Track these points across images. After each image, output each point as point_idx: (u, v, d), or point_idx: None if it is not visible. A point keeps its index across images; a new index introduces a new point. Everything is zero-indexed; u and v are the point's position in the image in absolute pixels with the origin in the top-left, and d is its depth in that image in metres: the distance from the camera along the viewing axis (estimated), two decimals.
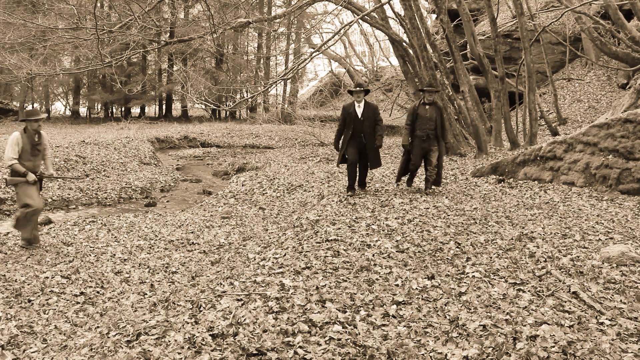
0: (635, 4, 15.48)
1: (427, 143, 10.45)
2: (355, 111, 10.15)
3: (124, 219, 10.72)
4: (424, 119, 10.38)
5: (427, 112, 10.39)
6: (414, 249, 6.76)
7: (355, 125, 10.13)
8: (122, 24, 13.49)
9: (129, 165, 18.03)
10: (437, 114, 10.42)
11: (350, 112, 10.19)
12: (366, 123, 10.11)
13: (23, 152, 8.06)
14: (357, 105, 10.15)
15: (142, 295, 5.95)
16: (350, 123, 10.17)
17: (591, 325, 4.55)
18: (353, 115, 10.15)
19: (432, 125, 10.40)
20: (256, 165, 18.73)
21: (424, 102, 10.51)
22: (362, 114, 10.10)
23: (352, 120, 10.14)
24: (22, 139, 8.06)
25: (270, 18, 19.96)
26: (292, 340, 4.20)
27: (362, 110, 10.12)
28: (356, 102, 10.15)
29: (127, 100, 39.90)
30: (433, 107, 10.45)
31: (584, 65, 24.10)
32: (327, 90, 44.02)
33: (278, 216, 9.80)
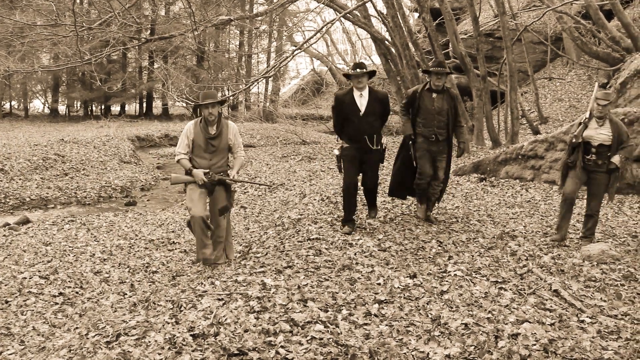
0: (616, 4, 15.59)
1: (436, 146, 7.72)
2: (354, 103, 7.29)
3: (104, 218, 10.61)
4: (429, 112, 7.63)
5: (433, 103, 7.64)
6: (396, 247, 6.75)
7: (354, 125, 7.33)
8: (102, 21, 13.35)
9: (108, 164, 17.86)
10: (449, 105, 7.66)
11: (346, 105, 7.32)
12: (371, 120, 7.34)
13: (195, 147, 6.77)
14: (357, 94, 7.31)
15: (122, 295, 5.88)
16: (348, 120, 7.37)
17: (572, 323, 4.56)
18: (351, 110, 7.30)
19: (442, 122, 7.65)
20: None
21: (430, 88, 7.70)
22: (367, 107, 7.28)
23: (350, 117, 7.32)
24: (195, 129, 6.75)
25: (252, 15, 19.90)
26: (274, 339, 4.16)
27: (367, 102, 7.29)
28: (355, 89, 7.29)
29: (107, 98, 39.54)
30: (443, 95, 7.68)
31: (565, 64, 24.26)
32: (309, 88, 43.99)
33: (259, 215, 9.75)
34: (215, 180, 6.69)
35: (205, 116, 6.67)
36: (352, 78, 7.30)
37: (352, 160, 7.43)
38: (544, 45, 22.99)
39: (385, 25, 17.86)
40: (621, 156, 6.79)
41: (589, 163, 6.86)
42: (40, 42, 21.30)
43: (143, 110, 43.56)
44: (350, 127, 7.42)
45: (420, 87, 7.85)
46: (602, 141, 6.76)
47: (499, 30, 17.07)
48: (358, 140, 7.37)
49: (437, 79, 7.63)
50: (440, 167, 7.85)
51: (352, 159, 7.43)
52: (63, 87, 42.59)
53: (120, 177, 16.19)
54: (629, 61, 14.42)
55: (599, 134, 6.78)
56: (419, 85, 7.96)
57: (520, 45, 20.51)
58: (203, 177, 6.62)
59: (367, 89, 7.35)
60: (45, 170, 15.54)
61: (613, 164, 6.75)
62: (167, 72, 26.72)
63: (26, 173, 14.90)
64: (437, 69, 7.62)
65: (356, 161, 7.44)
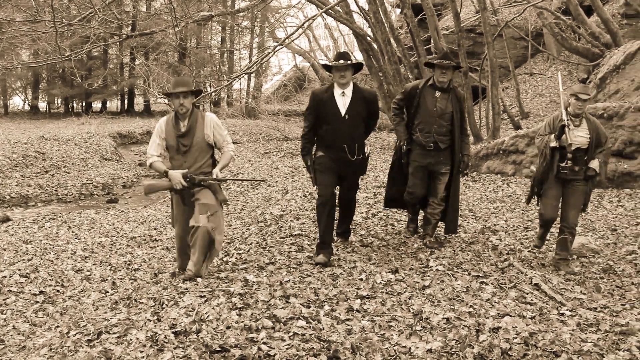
0: (595, 0, 15.72)
1: (435, 158, 6.50)
2: (334, 102, 6.07)
3: (85, 216, 10.54)
4: (430, 114, 6.42)
5: (436, 103, 6.41)
6: (378, 242, 6.78)
7: (332, 129, 6.08)
8: (82, 17, 13.23)
9: (90, 161, 17.74)
10: (454, 107, 6.45)
11: (324, 104, 6.09)
12: (353, 124, 6.10)
13: (169, 148, 5.75)
14: (338, 91, 6.08)
15: (103, 293, 5.84)
16: (325, 123, 6.13)
17: (552, 316, 4.61)
18: (330, 110, 6.07)
19: (445, 127, 6.44)
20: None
21: (433, 84, 6.49)
22: (349, 107, 6.06)
23: (328, 119, 6.09)
24: (167, 126, 5.72)
25: (233, 12, 19.83)
26: (256, 336, 4.16)
27: (350, 102, 6.06)
28: (337, 85, 6.09)
29: (88, 94, 39.24)
30: (449, 95, 6.47)
31: (546, 60, 24.43)
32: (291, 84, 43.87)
33: (242, 211, 9.73)
34: (195, 182, 5.60)
35: (176, 108, 5.63)
36: (334, 71, 6.03)
37: (328, 170, 6.17)
38: (525, 40, 23.13)
39: (367, 21, 17.85)
40: (600, 161, 5.84)
41: (565, 171, 5.84)
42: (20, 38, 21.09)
43: (124, 107, 43.28)
44: (327, 132, 6.13)
45: (421, 83, 6.58)
46: (580, 144, 5.77)
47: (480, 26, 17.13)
48: (336, 148, 6.10)
49: (441, 73, 6.37)
50: (441, 181, 6.57)
51: (328, 168, 6.17)
52: (43, 83, 42.23)
53: (102, 174, 16.09)
54: (608, 56, 14.55)
55: (576, 136, 5.75)
56: (420, 80, 6.73)
57: (501, 41, 20.61)
58: (182, 181, 5.53)
59: (352, 85, 6.11)
60: (26, 167, 15.41)
61: (592, 170, 5.82)
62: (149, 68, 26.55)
63: (6, 171, 14.76)
64: (442, 62, 6.34)
65: (332, 172, 6.18)
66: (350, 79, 6.11)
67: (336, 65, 5.99)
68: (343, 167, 6.19)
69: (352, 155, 6.12)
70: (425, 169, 6.59)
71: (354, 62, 6.06)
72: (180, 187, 5.58)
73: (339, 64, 5.98)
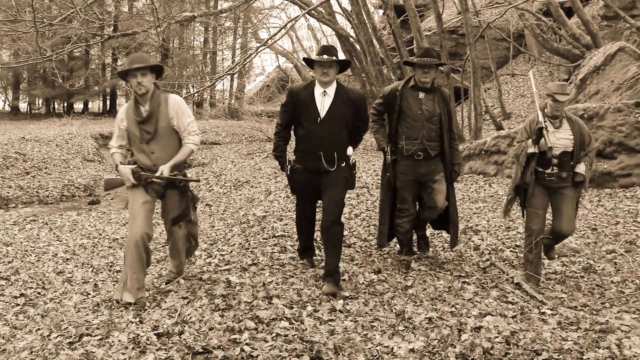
0: (576, 1, 15.86)
1: (425, 167, 5.76)
2: (313, 103, 5.33)
3: (67, 217, 10.46)
4: (415, 118, 5.69)
5: (421, 105, 5.70)
6: (361, 243, 6.79)
7: (307, 134, 5.37)
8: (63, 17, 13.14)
9: (71, 162, 17.62)
10: (441, 109, 5.74)
11: (302, 103, 5.38)
12: (333, 129, 5.31)
13: (131, 138, 5.04)
14: (319, 90, 5.34)
15: (85, 295, 5.80)
16: (301, 126, 5.43)
17: (533, 315, 4.65)
18: (307, 111, 5.35)
19: (434, 131, 5.72)
20: (202, 162, 18.53)
21: (415, 85, 5.77)
22: (330, 110, 5.30)
23: (305, 121, 5.36)
24: (128, 113, 5.03)
25: (216, 12, 19.79)
26: (239, 337, 4.16)
27: (330, 103, 5.30)
28: (319, 83, 5.34)
29: (70, 95, 38.94)
30: (434, 96, 5.76)
31: (527, 61, 24.59)
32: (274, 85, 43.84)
33: (225, 213, 9.71)
34: (143, 179, 4.92)
35: (133, 88, 4.86)
36: (316, 67, 5.28)
37: (304, 189, 5.56)
38: (507, 42, 23.26)
39: (350, 22, 17.91)
40: (586, 164, 5.31)
41: (551, 179, 5.30)
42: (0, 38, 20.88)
43: (107, 107, 42.98)
44: (302, 137, 5.43)
45: (401, 84, 5.82)
46: (564, 147, 5.26)
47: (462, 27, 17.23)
48: (312, 156, 5.31)
49: (423, 73, 5.65)
50: (438, 190, 5.77)
51: (303, 186, 5.53)
52: (24, 84, 41.83)
53: (84, 175, 15.98)
54: (589, 58, 14.68)
55: (559, 139, 5.26)
56: (399, 82, 5.96)
57: (483, 42, 20.72)
58: (130, 177, 4.89)
59: (335, 85, 5.35)
60: (6, 169, 15.27)
61: (580, 175, 5.29)
62: None
63: None
64: (424, 60, 5.60)
65: (309, 190, 5.52)
66: (334, 77, 5.32)
67: (319, 60, 5.22)
68: (321, 179, 5.36)
69: (331, 165, 5.29)
70: (417, 180, 5.80)
71: (339, 58, 5.30)
72: (130, 184, 4.93)
73: (322, 59, 5.20)
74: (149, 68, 4.87)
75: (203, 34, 41.17)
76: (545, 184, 5.36)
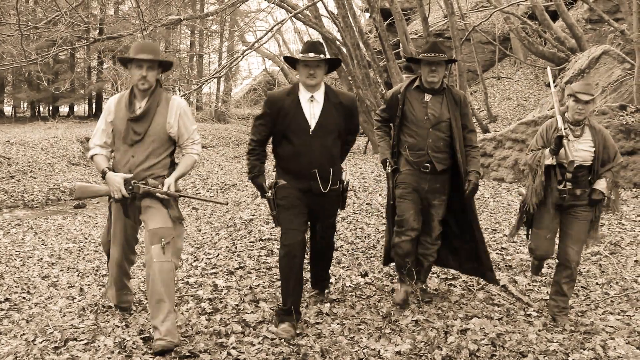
0: (560, 5, 15.99)
1: (430, 183, 4.89)
2: (300, 111, 4.46)
3: (52, 222, 10.40)
4: (420, 124, 4.86)
5: (427, 110, 4.87)
6: (348, 246, 6.80)
7: (299, 147, 4.45)
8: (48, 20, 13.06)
9: (57, 166, 17.51)
10: (452, 114, 4.86)
11: (286, 113, 4.46)
12: (327, 142, 4.49)
13: (115, 136, 4.30)
14: (305, 96, 4.48)
15: (70, 299, 5.77)
16: (286, 140, 4.51)
17: (519, 317, 4.68)
18: (294, 122, 4.45)
19: (442, 140, 4.86)
20: None
21: (420, 85, 4.95)
22: (321, 118, 4.46)
23: (292, 134, 4.46)
24: (117, 106, 4.30)
25: (202, 15, 19.75)
26: (226, 341, 4.16)
27: (321, 111, 4.47)
28: (304, 87, 4.49)
29: (55, 98, 38.67)
30: (442, 98, 4.91)
31: (513, 64, 24.70)
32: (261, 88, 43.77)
33: (211, 216, 9.69)
34: (140, 192, 4.13)
35: (135, 81, 4.19)
36: (300, 67, 4.43)
37: (295, 207, 4.49)
38: (492, 45, 23.39)
39: (336, 25, 17.91)
40: (608, 181, 4.52)
41: (563, 196, 4.53)
42: None
43: (92, 111, 42.77)
44: (290, 154, 4.49)
45: (403, 86, 5.04)
46: (582, 161, 4.47)
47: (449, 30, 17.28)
48: (303, 176, 4.46)
49: (431, 71, 4.81)
50: (435, 214, 4.95)
51: (294, 204, 4.49)
52: (9, 87, 41.52)
53: (69, 179, 15.88)
54: (574, 61, 14.78)
55: (577, 150, 4.45)
56: (403, 83, 5.17)
57: (469, 45, 20.83)
58: (122, 189, 4.11)
59: (324, 88, 4.52)
60: None
61: (598, 192, 4.52)
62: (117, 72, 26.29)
63: None
64: (430, 55, 4.79)
65: (301, 208, 4.51)
66: (322, 79, 4.49)
67: (304, 59, 4.36)
68: (314, 201, 4.54)
69: (326, 184, 4.49)
70: (418, 193, 4.91)
71: (327, 57, 4.48)
72: (119, 196, 4.15)
73: (307, 57, 4.35)
74: (157, 62, 4.21)
75: (189, 37, 41.08)
76: (555, 202, 4.59)
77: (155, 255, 4.01)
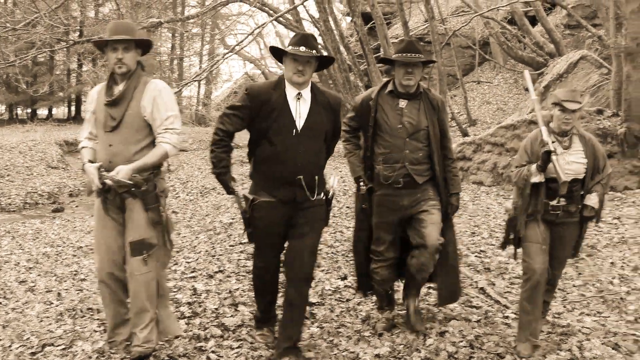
0: (539, 10, 16.18)
1: (408, 197, 4.34)
2: (287, 109, 3.96)
3: (30, 226, 10.29)
4: (396, 133, 4.31)
5: (402, 117, 4.32)
6: (327, 249, 6.81)
7: (282, 150, 3.95)
8: (27, 22, 12.96)
9: (35, 170, 17.33)
10: (429, 121, 4.34)
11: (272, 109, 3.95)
12: (313, 145, 4.04)
13: (97, 124, 3.99)
14: (292, 92, 3.98)
15: (48, 304, 5.71)
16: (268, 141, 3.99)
17: (497, 319, 4.71)
18: (279, 120, 3.95)
19: (422, 151, 4.34)
20: (169, 168, 18.40)
21: (394, 90, 4.39)
22: (307, 118, 3.98)
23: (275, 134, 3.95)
24: (99, 94, 4.02)
25: (183, 18, 19.69)
26: (205, 345, 4.16)
27: (309, 110, 4.00)
28: (290, 84, 3.98)
29: (34, 101, 38.35)
30: (419, 103, 4.38)
31: (493, 68, 24.91)
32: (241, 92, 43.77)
33: (191, 220, 9.65)
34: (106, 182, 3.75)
35: (111, 66, 3.90)
36: (288, 61, 3.96)
37: (271, 231, 4.05)
38: (472, 49, 23.57)
39: (318, 28, 17.96)
40: (599, 194, 4.10)
41: (556, 212, 4.10)
42: None
43: (72, 113, 42.44)
44: (271, 157, 3.99)
45: (375, 91, 4.47)
46: (575, 174, 4.05)
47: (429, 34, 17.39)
48: (287, 184, 3.96)
49: (406, 73, 4.25)
50: (429, 222, 4.31)
51: (271, 227, 4.04)
52: None
53: (47, 182, 15.71)
54: (552, 65, 14.94)
55: (569, 162, 4.03)
56: (374, 88, 4.56)
57: (449, 50, 20.97)
58: (95, 179, 3.77)
59: (310, 86, 4.06)
60: None
61: (590, 209, 4.10)
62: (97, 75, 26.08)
63: None
64: (407, 56, 4.23)
65: (277, 234, 4.08)
66: (310, 76, 4.01)
67: (293, 52, 3.88)
68: (296, 215, 4.03)
69: (312, 193, 4.00)
70: (396, 216, 4.40)
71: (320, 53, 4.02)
72: (95, 188, 3.83)
73: (298, 51, 3.87)
74: (134, 42, 3.89)
75: (170, 40, 40.91)
76: (547, 218, 4.15)
77: (136, 269, 3.81)
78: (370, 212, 4.46)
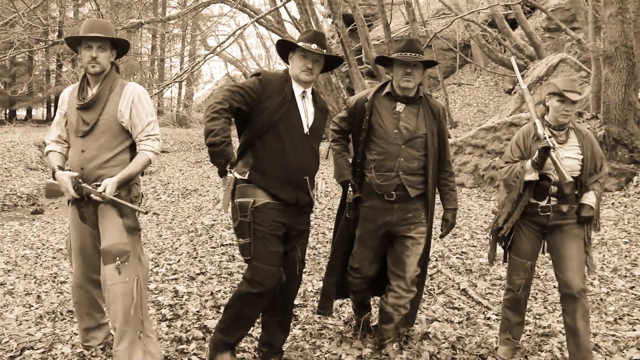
0: (520, 14, 16.32)
1: (399, 213, 4.02)
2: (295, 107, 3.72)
3: (8, 228, 10.17)
4: (391, 139, 3.98)
5: (398, 122, 4.00)
6: (309, 251, 6.80)
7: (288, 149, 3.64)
8: (5, 22, 12.83)
9: (13, 171, 17.14)
10: (428, 128, 4.02)
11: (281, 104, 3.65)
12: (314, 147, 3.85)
13: (68, 125, 3.81)
14: (298, 91, 3.74)
15: (27, 307, 5.65)
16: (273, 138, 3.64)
17: (479, 321, 4.74)
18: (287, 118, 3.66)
19: (417, 160, 4.01)
20: (150, 170, 18.30)
21: (391, 92, 4.07)
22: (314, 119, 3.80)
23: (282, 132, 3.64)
24: (71, 95, 3.79)
25: (164, 19, 19.59)
26: (187, 347, 4.13)
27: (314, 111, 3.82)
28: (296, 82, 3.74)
29: (12, 102, 37.98)
30: (418, 108, 4.06)
31: (474, 70, 25.06)
32: None
33: (172, 221, 9.60)
34: (83, 192, 3.58)
35: (85, 64, 3.67)
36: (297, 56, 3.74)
37: (273, 238, 3.61)
38: (453, 52, 23.71)
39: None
40: (596, 193, 3.79)
41: (547, 214, 3.80)
42: None
43: (51, 114, 42.05)
44: (274, 155, 3.65)
45: (371, 92, 4.15)
46: (570, 171, 3.70)
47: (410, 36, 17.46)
48: (290, 185, 3.67)
49: (405, 74, 3.95)
50: (411, 252, 4.03)
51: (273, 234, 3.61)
52: None
53: (27, 184, 15.56)
54: (532, 68, 15.05)
55: (564, 158, 3.72)
56: (370, 90, 4.22)
57: (430, 52, 21.02)
58: (70, 189, 3.59)
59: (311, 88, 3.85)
60: None
61: (588, 208, 3.77)
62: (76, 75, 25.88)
63: None
64: (407, 55, 3.92)
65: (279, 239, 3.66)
66: (317, 77, 3.90)
67: (305, 48, 3.66)
68: (295, 220, 3.77)
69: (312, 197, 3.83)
70: (382, 232, 4.08)
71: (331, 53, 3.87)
72: (70, 197, 3.69)
73: (310, 48, 3.65)
74: (110, 42, 3.71)
75: (151, 41, 40.73)
76: (537, 221, 3.85)
77: (109, 277, 3.56)
78: (354, 223, 4.17)
